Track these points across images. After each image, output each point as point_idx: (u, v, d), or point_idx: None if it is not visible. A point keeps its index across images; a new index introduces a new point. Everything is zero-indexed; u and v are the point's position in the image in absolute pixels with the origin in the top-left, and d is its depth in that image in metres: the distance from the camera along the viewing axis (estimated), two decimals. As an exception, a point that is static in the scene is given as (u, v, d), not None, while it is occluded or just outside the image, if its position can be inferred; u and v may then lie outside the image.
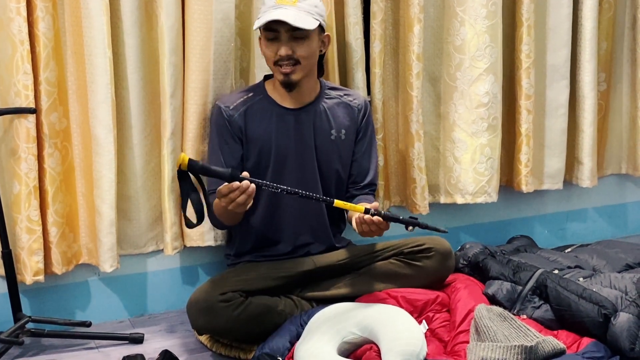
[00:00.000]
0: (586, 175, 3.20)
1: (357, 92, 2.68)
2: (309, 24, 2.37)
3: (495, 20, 2.85)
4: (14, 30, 2.32)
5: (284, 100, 2.51)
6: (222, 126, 2.49)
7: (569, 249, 3.02)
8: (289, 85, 2.45)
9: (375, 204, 2.30)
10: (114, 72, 2.45)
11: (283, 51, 2.37)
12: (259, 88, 2.55)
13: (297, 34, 2.37)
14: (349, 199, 2.62)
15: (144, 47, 2.54)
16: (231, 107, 2.49)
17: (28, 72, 2.35)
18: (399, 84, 2.93)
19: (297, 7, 2.36)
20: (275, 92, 2.52)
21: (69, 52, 2.48)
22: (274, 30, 2.38)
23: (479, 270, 2.73)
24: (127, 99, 2.54)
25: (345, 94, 2.61)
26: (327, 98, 2.57)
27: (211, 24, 2.52)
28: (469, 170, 2.95)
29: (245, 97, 2.52)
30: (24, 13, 2.32)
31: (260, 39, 2.47)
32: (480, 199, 2.98)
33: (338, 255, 2.60)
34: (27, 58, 2.34)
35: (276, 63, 2.40)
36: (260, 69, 2.64)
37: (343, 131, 2.56)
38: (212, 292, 2.36)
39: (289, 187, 2.24)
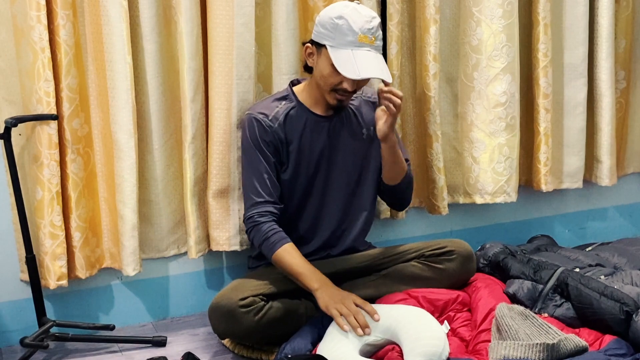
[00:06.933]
0: (605, 173, 3.18)
1: (368, 88, 2.66)
2: (389, 74, 2.41)
3: (511, 20, 2.85)
4: (35, 37, 2.34)
5: (317, 107, 2.51)
6: (260, 138, 2.44)
7: (590, 248, 3.01)
8: (339, 109, 2.49)
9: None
10: (134, 78, 2.47)
11: (349, 87, 2.38)
12: (291, 95, 2.52)
13: None
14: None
15: (163, 52, 2.56)
16: (270, 117, 2.46)
17: (49, 79, 2.37)
18: (415, 85, 2.93)
19: (376, 46, 2.37)
20: (309, 99, 2.50)
21: (90, 59, 2.50)
22: None
23: (499, 270, 2.72)
24: (147, 104, 2.56)
25: (362, 93, 2.61)
26: (352, 99, 2.57)
27: (233, 28, 2.53)
28: (487, 170, 2.95)
29: (279, 106, 2.49)
30: (45, 21, 2.34)
31: (315, 53, 2.41)
32: (499, 199, 2.97)
33: (359, 258, 2.60)
34: (48, 65, 2.36)
35: (334, 89, 2.41)
36: (278, 72, 2.65)
37: (371, 128, 2.57)
38: (232, 297, 2.36)
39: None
